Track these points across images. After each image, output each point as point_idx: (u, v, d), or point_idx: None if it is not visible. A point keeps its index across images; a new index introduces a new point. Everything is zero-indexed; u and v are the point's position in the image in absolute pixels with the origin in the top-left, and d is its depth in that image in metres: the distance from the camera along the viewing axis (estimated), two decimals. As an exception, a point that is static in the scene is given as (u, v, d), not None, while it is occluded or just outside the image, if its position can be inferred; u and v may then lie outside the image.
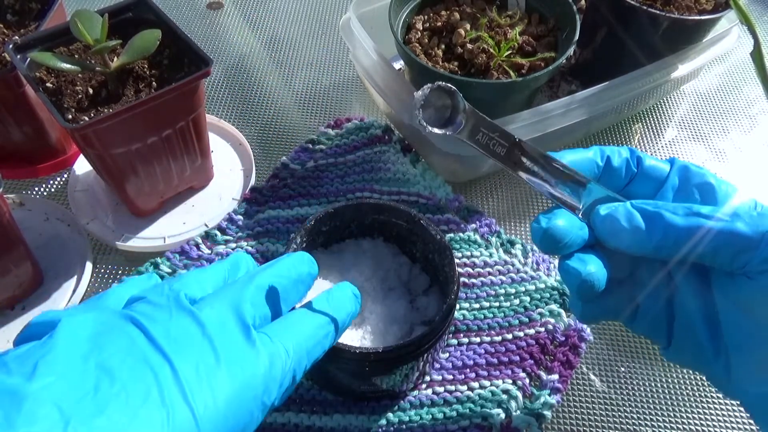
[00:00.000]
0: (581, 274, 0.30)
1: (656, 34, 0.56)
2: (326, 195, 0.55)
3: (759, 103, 0.68)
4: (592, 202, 0.32)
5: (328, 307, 0.33)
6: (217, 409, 0.25)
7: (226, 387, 0.26)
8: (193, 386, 0.25)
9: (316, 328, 0.32)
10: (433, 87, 0.30)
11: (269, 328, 0.30)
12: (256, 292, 0.30)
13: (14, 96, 0.49)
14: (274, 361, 0.28)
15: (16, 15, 0.53)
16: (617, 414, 0.45)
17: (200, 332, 0.27)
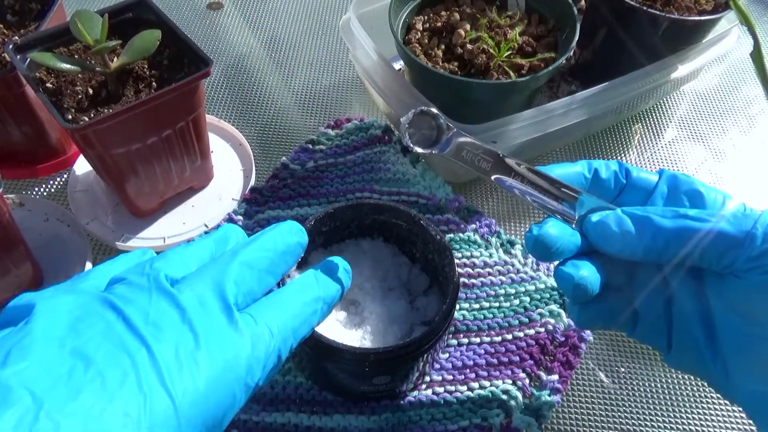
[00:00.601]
0: (574, 278, 0.32)
1: (656, 35, 0.56)
2: (326, 195, 0.55)
3: (758, 103, 0.68)
4: (586, 212, 0.33)
5: (316, 284, 0.32)
6: (197, 393, 0.24)
7: (206, 371, 0.25)
8: (171, 371, 0.24)
9: (303, 306, 0.31)
10: (416, 111, 0.32)
11: (254, 307, 0.29)
12: (239, 269, 0.29)
13: (14, 96, 0.49)
14: (256, 342, 0.27)
15: (16, 15, 0.53)
16: (617, 414, 0.45)
17: (179, 316, 0.26)
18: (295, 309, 0.31)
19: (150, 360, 0.24)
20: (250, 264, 0.30)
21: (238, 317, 0.27)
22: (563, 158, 0.61)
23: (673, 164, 0.62)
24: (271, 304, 0.30)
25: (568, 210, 0.33)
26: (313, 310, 0.32)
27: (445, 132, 0.32)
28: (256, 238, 0.32)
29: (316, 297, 0.32)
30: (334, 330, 0.42)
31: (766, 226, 0.30)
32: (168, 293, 0.27)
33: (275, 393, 0.43)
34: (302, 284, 0.32)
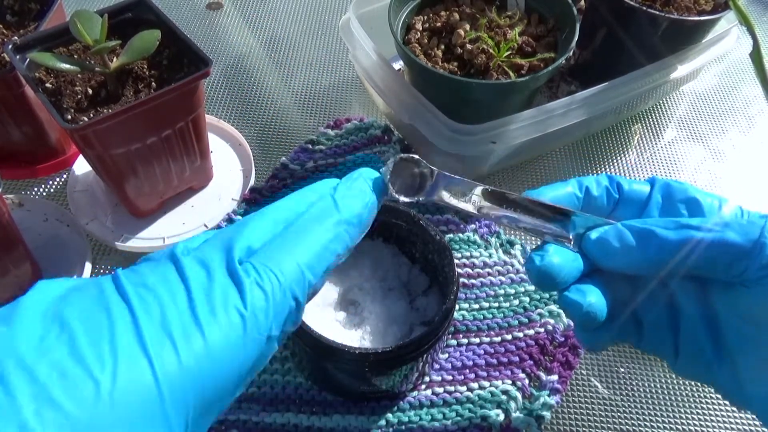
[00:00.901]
0: (582, 307, 0.31)
1: (656, 35, 0.56)
2: (326, 195, 0.55)
3: (757, 103, 0.68)
4: (583, 230, 0.33)
5: (333, 205, 0.28)
6: (188, 361, 0.22)
7: (201, 335, 0.22)
8: (154, 335, 0.21)
9: (318, 235, 0.27)
10: (396, 160, 0.31)
11: (259, 253, 0.26)
12: (256, 222, 0.26)
13: (14, 96, 0.49)
14: (256, 292, 0.24)
15: (16, 15, 0.53)
16: (617, 415, 0.45)
17: (178, 278, 0.24)
18: (308, 241, 0.27)
19: (132, 323, 0.22)
20: (270, 216, 0.27)
21: (238, 269, 0.24)
22: (563, 159, 0.61)
23: (673, 164, 0.62)
24: (279, 244, 0.26)
25: (564, 232, 0.33)
26: (333, 235, 0.27)
27: (429, 178, 0.32)
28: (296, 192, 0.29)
29: (336, 221, 0.28)
30: (333, 330, 0.42)
31: None
32: (175, 258, 0.25)
33: (275, 393, 0.43)
34: (317, 209, 0.28)
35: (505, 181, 0.59)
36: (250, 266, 0.25)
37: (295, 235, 0.27)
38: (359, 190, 0.30)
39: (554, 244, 0.32)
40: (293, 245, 0.26)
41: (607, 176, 0.35)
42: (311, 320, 0.39)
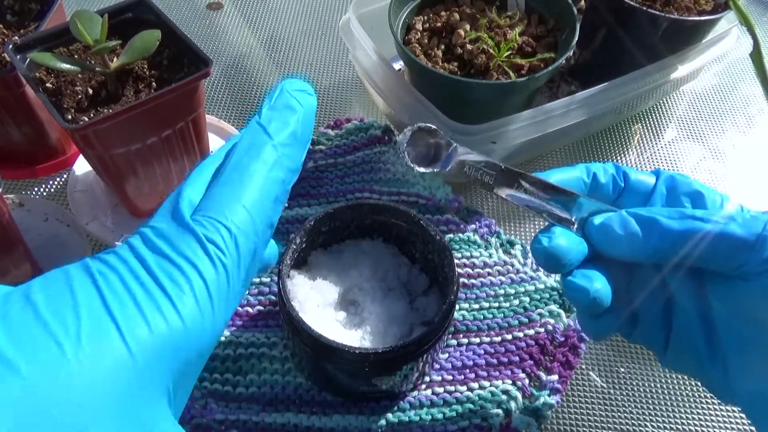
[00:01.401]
0: (589, 293, 0.30)
1: (656, 35, 0.56)
2: (326, 195, 0.55)
3: (756, 103, 0.68)
4: (587, 215, 0.33)
5: (261, 132, 0.26)
6: (157, 326, 0.21)
7: (167, 303, 0.21)
8: (118, 305, 0.21)
9: (257, 168, 0.25)
10: (414, 129, 0.31)
11: (202, 207, 0.24)
12: (195, 179, 0.26)
13: (14, 96, 0.49)
14: (209, 254, 0.23)
15: (16, 15, 0.53)
16: (617, 415, 0.45)
17: (132, 255, 0.22)
18: (247, 179, 0.25)
19: (97, 295, 0.21)
20: (205, 168, 0.26)
21: (190, 223, 0.23)
22: (563, 159, 0.61)
23: (673, 164, 0.62)
24: (219, 192, 0.25)
25: (568, 214, 0.33)
26: (271, 163, 0.25)
27: (445, 148, 0.31)
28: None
29: (269, 148, 0.25)
30: (333, 330, 0.42)
31: None
32: (130, 241, 0.24)
33: (275, 393, 0.43)
34: (245, 141, 0.26)
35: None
36: (198, 224, 0.24)
37: (232, 177, 0.25)
38: (284, 105, 0.27)
39: (560, 227, 0.32)
40: (233, 188, 0.25)
41: (614, 165, 0.35)
42: (311, 320, 0.39)
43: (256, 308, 0.47)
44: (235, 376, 0.44)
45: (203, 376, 0.44)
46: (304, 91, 0.27)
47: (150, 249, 0.22)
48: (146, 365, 0.20)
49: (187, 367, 0.22)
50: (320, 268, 0.45)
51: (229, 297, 0.23)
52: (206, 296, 0.22)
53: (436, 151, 0.31)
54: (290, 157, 0.26)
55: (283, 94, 0.27)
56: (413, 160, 0.31)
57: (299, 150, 0.27)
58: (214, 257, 0.23)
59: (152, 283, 0.21)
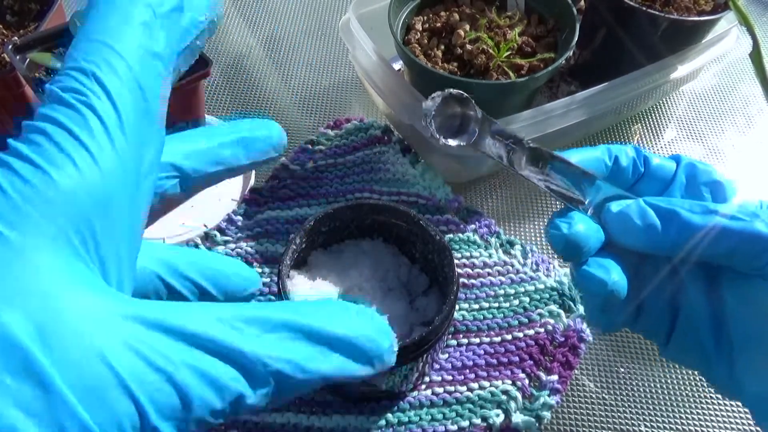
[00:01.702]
0: (608, 285, 0.29)
1: (655, 35, 0.56)
2: (326, 196, 0.55)
3: (755, 102, 0.68)
4: (602, 199, 0.31)
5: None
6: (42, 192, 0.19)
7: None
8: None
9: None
10: (445, 95, 0.28)
11: (65, 61, 0.22)
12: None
13: (13, 96, 0.49)
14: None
15: (16, 16, 0.53)
16: (616, 415, 0.45)
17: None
18: (103, 22, 0.22)
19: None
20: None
21: (55, 91, 0.21)
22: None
23: (673, 164, 0.62)
24: (74, 44, 0.22)
25: (581, 195, 0.31)
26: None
27: (472, 120, 0.29)
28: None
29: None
30: (333, 330, 0.42)
31: None
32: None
33: (275, 393, 0.43)
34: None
35: (505, 181, 0.59)
36: (59, 82, 0.21)
37: (88, 19, 0.23)
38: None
39: (577, 212, 0.30)
40: (91, 29, 0.22)
41: (634, 148, 0.33)
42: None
43: (255, 308, 0.47)
44: (235, 377, 0.44)
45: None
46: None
47: (21, 131, 0.21)
48: (9, 225, 0.18)
49: (89, 221, 0.20)
50: (320, 268, 0.45)
51: (112, 136, 0.21)
52: (78, 146, 0.20)
53: (462, 123, 0.29)
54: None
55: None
56: (438, 129, 0.29)
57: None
58: (75, 103, 0.21)
59: (14, 159, 0.20)
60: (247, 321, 0.20)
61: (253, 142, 0.28)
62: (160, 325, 0.18)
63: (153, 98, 0.23)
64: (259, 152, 0.28)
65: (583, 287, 0.30)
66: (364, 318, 0.24)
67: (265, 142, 0.28)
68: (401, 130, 0.59)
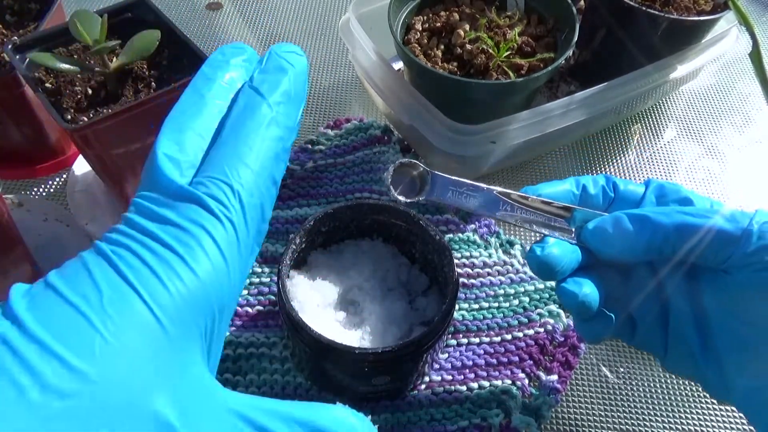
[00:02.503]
0: (578, 296, 0.32)
1: (655, 35, 0.56)
2: (325, 195, 0.55)
3: (754, 101, 0.68)
4: (582, 224, 0.34)
5: (263, 102, 0.25)
6: (177, 292, 0.21)
7: (186, 271, 0.21)
8: (137, 277, 0.21)
9: (254, 127, 0.25)
10: (396, 165, 0.33)
11: (202, 169, 0.24)
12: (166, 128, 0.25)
13: (13, 96, 0.49)
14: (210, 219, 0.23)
15: (15, 15, 0.53)
16: (616, 414, 0.45)
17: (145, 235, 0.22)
18: (245, 138, 0.25)
19: (113, 270, 0.21)
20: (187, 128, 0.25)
21: (183, 184, 0.23)
22: (562, 159, 0.61)
23: (672, 164, 0.62)
24: (215, 155, 0.24)
25: (565, 225, 0.34)
26: (266, 124, 0.25)
27: (427, 179, 0.34)
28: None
29: (265, 107, 0.25)
30: (333, 330, 0.42)
31: (761, 223, 0.30)
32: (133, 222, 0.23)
33: (275, 393, 0.43)
34: (239, 104, 0.26)
35: (505, 181, 0.59)
36: (200, 185, 0.23)
37: (229, 137, 0.25)
38: (275, 67, 0.27)
39: (554, 237, 0.34)
40: (231, 147, 0.24)
41: (604, 176, 0.36)
42: (311, 320, 0.39)
43: (255, 308, 0.47)
44: (235, 376, 0.44)
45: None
46: (293, 52, 0.27)
47: (149, 218, 0.23)
48: (173, 326, 0.21)
49: (213, 323, 0.23)
50: (320, 268, 0.45)
51: (242, 251, 0.24)
52: (217, 252, 0.22)
53: (422, 182, 0.34)
54: (285, 114, 0.26)
55: (272, 57, 0.27)
56: (400, 192, 0.33)
57: (294, 108, 0.27)
58: (220, 214, 0.23)
59: (162, 248, 0.22)
60: (302, 424, 0.23)
61: None
62: (252, 422, 0.22)
63: (266, 219, 0.26)
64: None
65: (561, 301, 0.34)
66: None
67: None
68: (401, 130, 0.59)
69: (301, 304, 0.42)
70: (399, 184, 0.34)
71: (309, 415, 0.23)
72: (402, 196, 0.33)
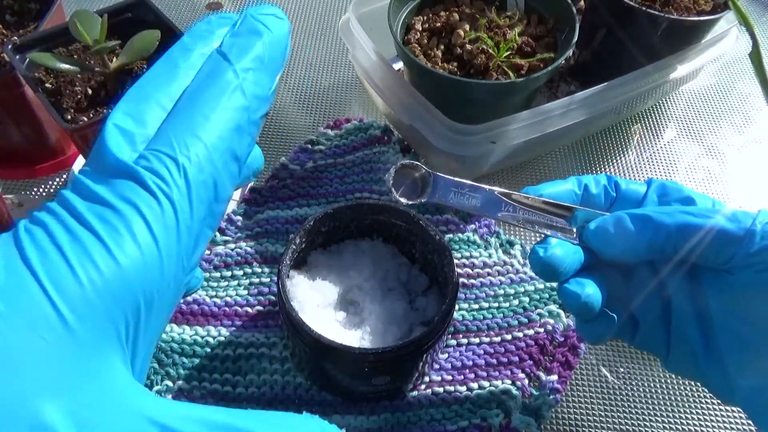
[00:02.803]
0: (580, 297, 0.32)
1: (655, 35, 0.56)
2: (325, 196, 0.55)
3: (753, 101, 0.68)
4: (584, 224, 0.34)
5: (222, 61, 0.23)
6: (93, 282, 0.19)
7: (107, 259, 0.19)
8: (46, 268, 0.19)
9: (212, 100, 0.22)
10: (397, 167, 0.33)
11: (152, 140, 0.22)
12: (126, 99, 0.23)
13: (13, 96, 0.49)
14: (155, 184, 0.21)
15: (15, 15, 0.53)
16: (616, 414, 0.45)
17: (71, 218, 0.21)
18: (199, 110, 0.22)
19: (15, 250, 0.19)
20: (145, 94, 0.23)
21: (123, 158, 0.21)
22: (562, 159, 0.61)
23: (672, 164, 0.62)
24: (165, 126, 0.22)
25: (566, 226, 0.34)
26: (229, 92, 0.23)
27: (428, 180, 0.34)
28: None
29: (230, 74, 0.23)
30: (333, 330, 0.42)
31: (764, 223, 0.30)
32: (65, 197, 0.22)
33: (275, 393, 0.43)
34: (202, 71, 0.23)
35: (505, 181, 0.59)
36: (142, 158, 0.21)
37: (184, 107, 0.22)
38: (249, 30, 0.24)
39: (556, 238, 0.33)
40: (184, 118, 0.22)
41: (605, 176, 0.36)
42: (311, 320, 0.39)
43: (255, 308, 0.47)
44: (235, 376, 0.44)
45: (203, 377, 0.44)
46: (272, 15, 0.24)
47: (81, 195, 0.21)
48: (80, 323, 0.18)
49: (137, 319, 0.20)
50: (320, 268, 0.45)
51: (182, 235, 0.21)
52: (148, 236, 0.20)
53: (423, 183, 0.34)
54: (255, 82, 0.23)
55: (246, 20, 0.24)
56: (401, 194, 0.33)
57: (267, 75, 0.24)
58: (157, 192, 0.20)
59: (82, 230, 0.19)
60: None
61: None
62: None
63: (222, 200, 0.23)
64: (243, 179, 0.27)
65: (563, 302, 0.33)
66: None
67: (248, 168, 0.27)
68: (401, 130, 0.59)
69: (301, 304, 0.42)
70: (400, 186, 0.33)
71: (261, 426, 0.20)
72: (404, 198, 0.33)
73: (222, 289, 0.48)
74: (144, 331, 0.20)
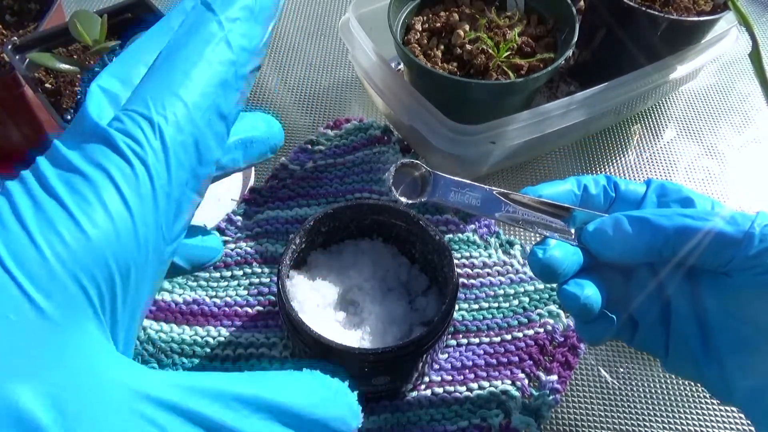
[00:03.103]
0: (580, 299, 0.32)
1: (655, 35, 0.56)
2: (325, 196, 0.55)
3: (752, 101, 0.68)
4: (583, 225, 0.34)
5: (203, 11, 0.21)
6: (58, 251, 0.18)
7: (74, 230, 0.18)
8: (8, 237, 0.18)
9: (191, 57, 0.21)
10: (397, 165, 0.33)
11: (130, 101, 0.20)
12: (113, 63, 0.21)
13: (13, 97, 0.49)
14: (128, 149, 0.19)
15: (15, 16, 0.53)
16: (616, 415, 0.45)
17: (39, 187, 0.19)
18: (178, 66, 0.21)
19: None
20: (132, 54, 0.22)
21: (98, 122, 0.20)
22: (562, 159, 0.61)
23: (672, 164, 0.62)
24: (142, 85, 0.21)
25: (565, 227, 0.34)
26: (213, 45, 0.21)
27: (429, 179, 0.34)
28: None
29: (214, 25, 0.21)
30: (333, 330, 0.42)
31: (763, 226, 0.30)
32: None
33: (274, 393, 0.43)
34: (185, 24, 0.22)
35: (505, 181, 0.59)
36: (115, 121, 0.20)
37: (163, 63, 0.21)
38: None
39: (555, 239, 0.33)
40: (162, 74, 0.20)
41: (605, 176, 0.36)
42: (311, 320, 0.39)
43: (255, 308, 0.47)
44: (235, 377, 0.44)
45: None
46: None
47: (53, 162, 0.19)
48: (47, 299, 0.17)
49: (113, 289, 0.19)
50: (320, 269, 0.45)
51: (158, 200, 0.20)
52: (120, 203, 0.19)
53: (423, 182, 0.34)
54: (243, 34, 0.22)
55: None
56: (401, 193, 0.33)
57: (257, 26, 0.22)
58: (130, 155, 0.19)
59: (48, 199, 0.18)
60: (239, 400, 0.19)
61: (251, 143, 0.26)
62: (166, 403, 0.18)
63: (207, 162, 0.21)
64: (257, 155, 0.26)
65: (563, 303, 0.33)
66: (342, 398, 0.25)
67: (264, 143, 0.26)
68: (401, 130, 0.59)
69: (300, 305, 0.42)
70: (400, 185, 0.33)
71: (258, 390, 0.19)
72: (404, 197, 0.33)
73: (222, 289, 0.48)
74: (122, 302, 0.19)
